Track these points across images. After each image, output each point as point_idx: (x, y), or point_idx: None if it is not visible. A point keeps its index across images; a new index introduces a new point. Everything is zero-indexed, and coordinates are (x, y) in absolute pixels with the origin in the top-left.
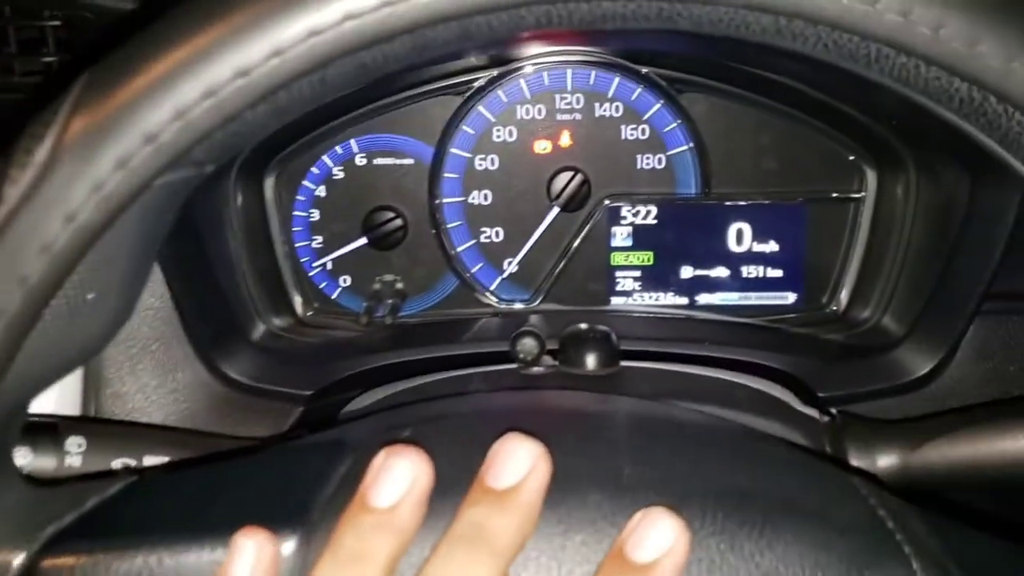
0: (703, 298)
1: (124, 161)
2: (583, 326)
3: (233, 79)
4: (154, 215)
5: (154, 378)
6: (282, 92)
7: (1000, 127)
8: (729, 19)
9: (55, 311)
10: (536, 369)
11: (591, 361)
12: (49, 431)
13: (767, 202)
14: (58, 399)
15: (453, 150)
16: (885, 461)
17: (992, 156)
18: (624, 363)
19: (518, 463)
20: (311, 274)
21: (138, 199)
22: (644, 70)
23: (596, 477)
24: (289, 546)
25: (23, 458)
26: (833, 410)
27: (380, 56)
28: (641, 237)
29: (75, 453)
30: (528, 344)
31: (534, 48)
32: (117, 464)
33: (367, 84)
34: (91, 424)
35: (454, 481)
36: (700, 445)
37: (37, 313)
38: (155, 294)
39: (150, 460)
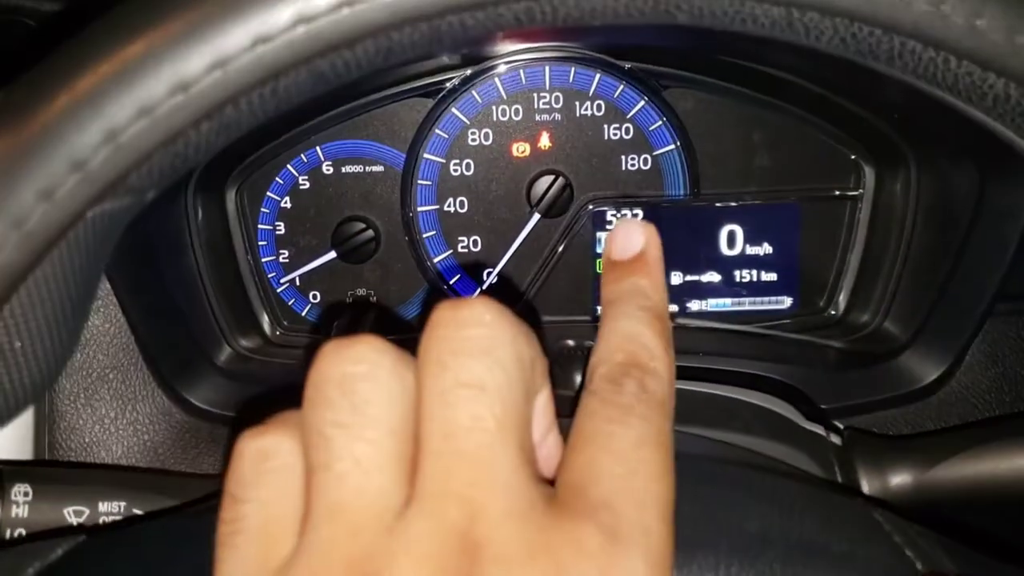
0: (694, 305)
1: (48, 192)
2: (570, 343)
3: (171, 95)
4: (88, 250)
5: (112, 409)
6: (228, 108)
7: None
8: (735, 12)
9: None
10: None
11: (580, 381)
12: None
13: (759, 202)
14: (7, 435)
15: (426, 155)
16: (898, 480)
17: (1006, 145)
18: None
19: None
20: (279, 291)
21: (67, 234)
22: (627, 65)
23: None
24: None
25: None
26: (840, 426)
27: (340, 64)
28: None
29: (21, 502)
30: None
31: (509, 45)
32: (68, 511)
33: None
34: (38, 469)
35: None
36: (705, 484)
37: None
38: (110, 319)
39: (105, 506)
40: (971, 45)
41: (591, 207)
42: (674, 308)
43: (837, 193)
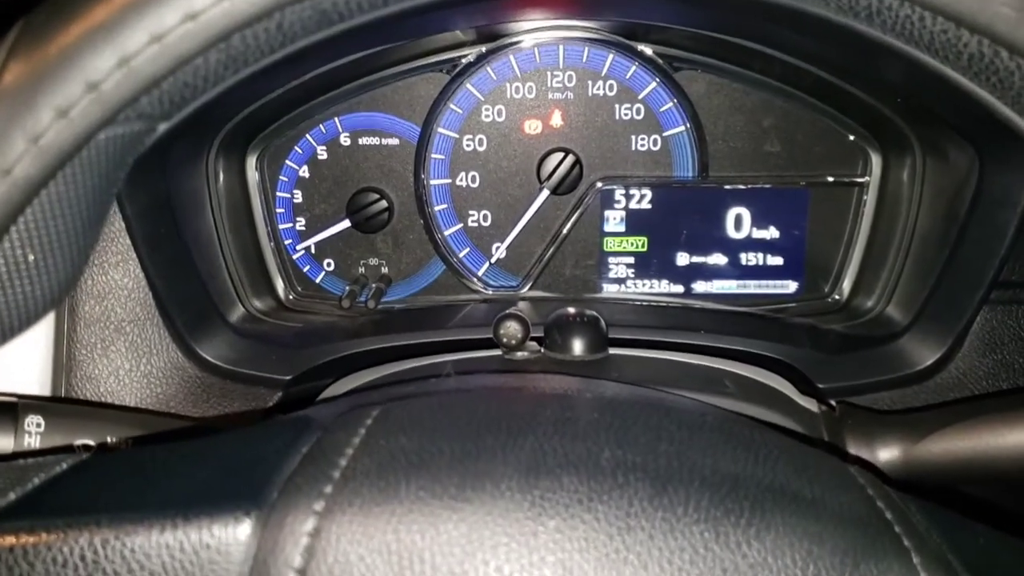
0: (699, 286)
1: (64, 110)
2: (570, 310)
3: (181, 23)
4: (100, 172)
5: (127, 361)
6: (235, 38)
7: (1012, 86)
8: None
9: None
10: (520, 354)
11: (578, 346)
12: (6, 410)
13: (767, 186)
14: (26, 382)
15: (440, 130)
16: (886, 453)
17: (1003, 125)
18: (613, 350)
19: None
20: (294, 257)
21: (80, 152)
22: (640, 47)
23: (572, 460)
24: (244, 529)
25: None
26: (832, 401)
27: (341, 0)
28: (635, 222)
29: (34, 433)
30: (512, 328)
31: (525, 24)
32: (78, 444)
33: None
34: (51, 404)
35: (426, 456)
36: (685, 429)
37: None
38: (129, 274)
39: (113, 441)
40: (944, 2)
41: (600, 185)
42: (679, 288)
43: (844, 180)
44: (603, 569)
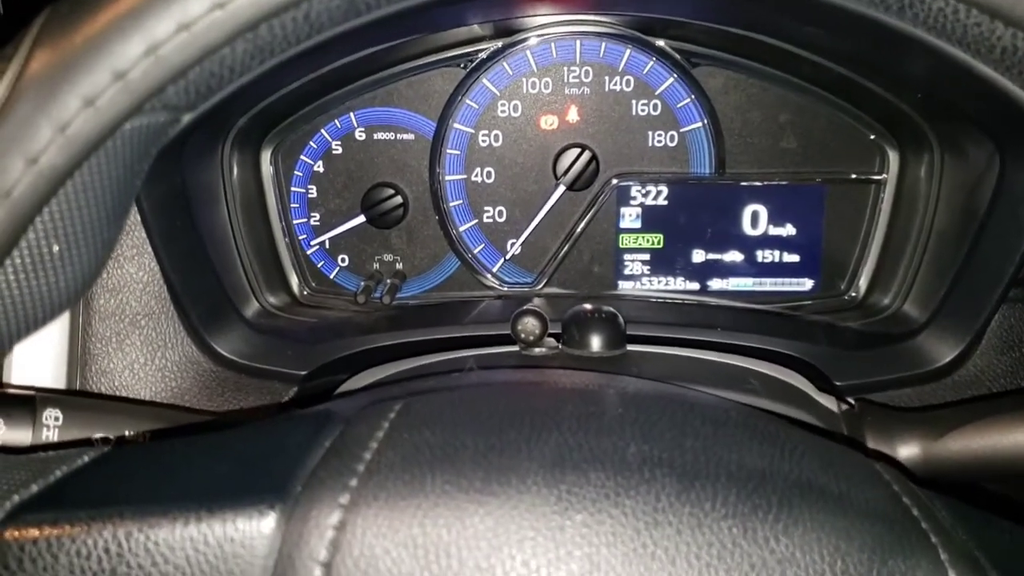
0: (715, 284)
1: (91, 99)
2: (588, 306)
3: (209, 11)
4: (125, 163)
5: (142, 355)
6: (263, 27)
7: None
8: None
9: (16, 263)
10: (538, 350)
11: (596, 342)
12: (24, 404)
13: (784, 183)
14: (42, 376)
15: (456, 125)
16: (906, 451)
17: (1021, 116)
18: (631, 347)
19: None
20: (309, 252)
21: (107, 142)
22: (657, 42)
23: (598, 455)
24: (268, 523)
25: None
26: (851, 399)
27: None
28: (651, 218)
29: (52, 426)
30: (530, 324)
31: (541, 19)
32: (96, 438)
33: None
34: (69, 397)
35: (451, 450)
36: (712, 425)
37: None
38: (144, 268)
39: (131, 435)
40: None
41: (616, 182)
42: (695, 286)
43: (862, 177)
44: (631, 564)
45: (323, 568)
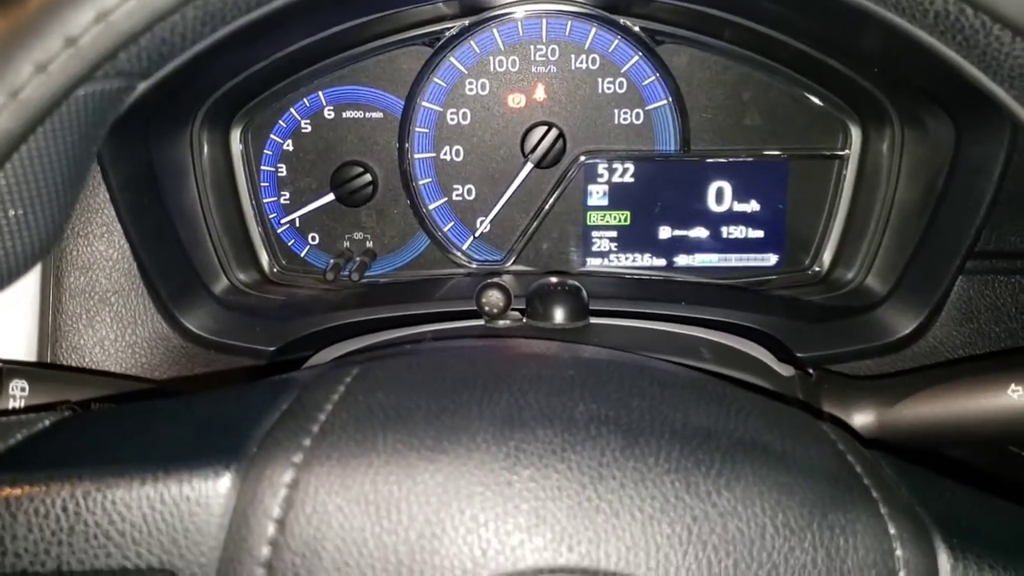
0: (682, 260)
1: (43, 65)
2: (553, 280)
3: None
4: (80, 129)
5: (112, 331)
6: None
7: (977, 44)
8: None
9: None
10: (503, 322)
11: (559, 314)
12: None
13: (749, 160)
14: (12, 352)
15: (424, 103)
16: (861, 417)
17: (976, 92)
18: (594, 320)
19: None
20: (279, 231)
21: (60, 108)
22: (622, 20)
23: (547, 413)
24: (224, 482)
25: None
26: (810, 370)
27: None
28: (618, 196)
29: (18, 397)
30: (494, 296)
31: None
32: (62, 408)
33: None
34: (35, 368)
35: (404, 411)
36: (659, 386)
37: None
38: (114, 245)
39: (97, 405)
40: None
41: (583, 159)
42: (662, 262)
43: (825, 152)
44: (576, 517)
45: (276, 524)
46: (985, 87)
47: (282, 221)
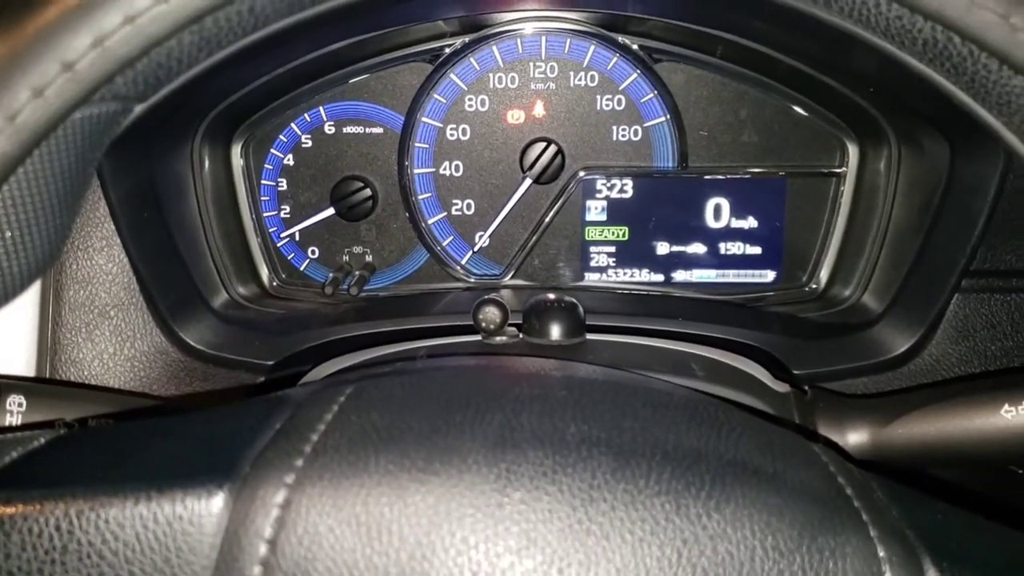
0: (679, 275)
1: (39, 89)
2: (549, 296)
3: (154, 4)
4: (76, 151)
5: (111, 345)
6: (207, 20)
7: (965, 72)
8: None
9: None
10: (499, 339)
11: (555, 331)
12: None
13: (746, 177)
14: (11, 366)
15: (424, 119)
16: (856, 436)
17: (963, 111)
18: (590, 336)
19: None
20: (279, 245)
21: (56, 131)
22: (620, 38)
23: (539, 435)
24: (216, 502)
25: None
26: (806, 387)
27: None
28: (616, 212)
29: (15, 412)
30: (490, 313)
31: (507, 15)
32: (59, 424)
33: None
34: (32, 384)
35: (396, 432)
36: (651, 407)
37: None
38: (113, 259)
39: (94, 421)
40: None
41: (582, 175)
42: (659, 278)
43: (821, 170)
44: (566, 539)
45: (268, 545)
46: (975, 113)
47: (282, 235)
